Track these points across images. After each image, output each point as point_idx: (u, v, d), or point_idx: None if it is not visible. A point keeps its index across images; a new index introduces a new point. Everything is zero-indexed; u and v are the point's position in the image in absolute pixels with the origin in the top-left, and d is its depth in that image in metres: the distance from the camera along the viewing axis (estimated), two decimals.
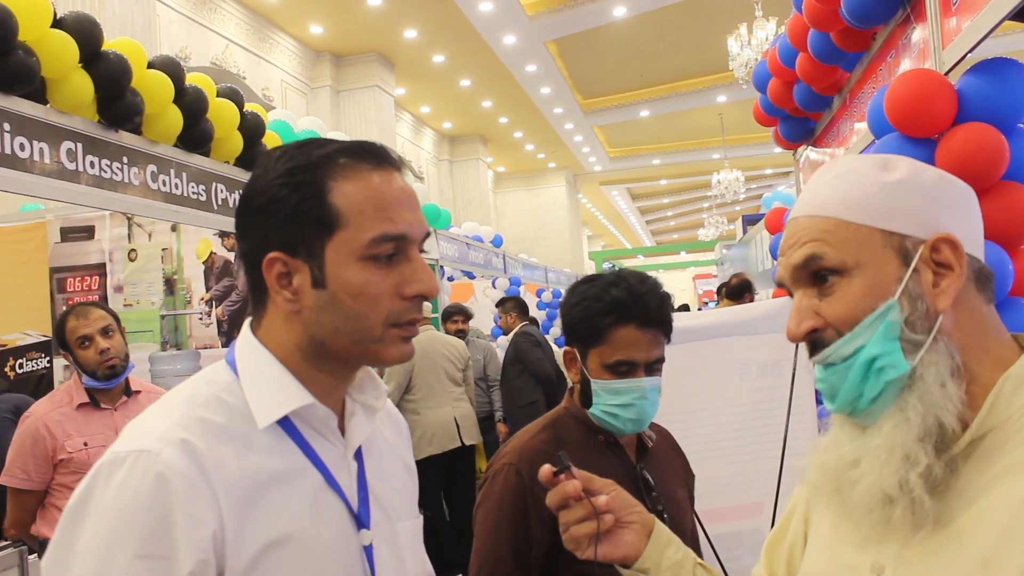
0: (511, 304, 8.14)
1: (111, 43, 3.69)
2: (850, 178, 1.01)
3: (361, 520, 1.14)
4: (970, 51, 2.29)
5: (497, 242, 12.49)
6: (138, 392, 3.50)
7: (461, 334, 7.31)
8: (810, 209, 1.03)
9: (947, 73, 2.45)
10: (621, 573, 1.27)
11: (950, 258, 0.96)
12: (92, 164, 3.60)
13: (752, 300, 6.81)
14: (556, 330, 10.97)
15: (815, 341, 1.02)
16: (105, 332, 3.33)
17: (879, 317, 0.96)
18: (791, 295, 1.06)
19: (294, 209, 1.07)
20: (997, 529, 0.88)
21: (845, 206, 0.99)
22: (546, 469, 1.22)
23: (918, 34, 2.75)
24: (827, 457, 1.03)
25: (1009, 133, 2.30)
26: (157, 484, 0.96)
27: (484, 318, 11.60)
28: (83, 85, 3.49)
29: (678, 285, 36.31)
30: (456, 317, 7.49)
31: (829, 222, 1.00)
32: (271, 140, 5.12)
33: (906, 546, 0.95)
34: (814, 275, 1.01)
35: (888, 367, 0.95)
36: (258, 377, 1.10)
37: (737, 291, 6.96)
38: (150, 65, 3.95)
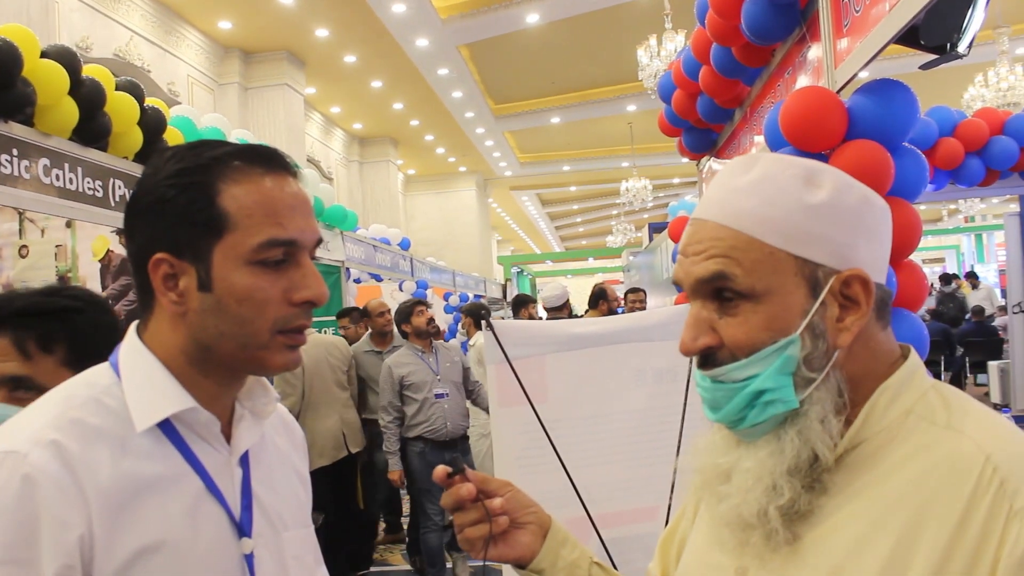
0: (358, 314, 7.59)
1: (0, 29, 3.55)
2: (770, 190, 0.94)
3: (242, 528, 1.12)
4: (860, 70, 2.38)
5: (405, 245, 12.42)
6: None
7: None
8: (723, 216, 0.96)
9: (839, 91, 2.54)
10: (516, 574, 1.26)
11: (859, 295, 0.93)
12: None
13: (608, 308, 7.39)
14: (461, 335, 10.96)
15: (708, 356, 0.98)
16: None
17: (778, 351, 0.93)
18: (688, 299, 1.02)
19: (182, 210, 1.05)
20: (851, 540, 0.89)
21: (763, 224, 0.93)
22: (440, 470, 1.20)
23: (813, 53, 2.85)
24: (703, 462, 1.04)
25: (895, 151, 2.41)
26: (23, 487, 0.94)
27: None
28: None
29: (586, 291, 36.73)
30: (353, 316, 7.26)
31: (742, 239, 0.94)
32: (172, 136, 5.00)
33: (767, 553, 0.96)
34: (718, 290, 0.96)
35: (777, 401, 0.93)
36: (139, 380, 1.08)
37: (593, 300, 7.53)
38: (43, 54, 3.81)
